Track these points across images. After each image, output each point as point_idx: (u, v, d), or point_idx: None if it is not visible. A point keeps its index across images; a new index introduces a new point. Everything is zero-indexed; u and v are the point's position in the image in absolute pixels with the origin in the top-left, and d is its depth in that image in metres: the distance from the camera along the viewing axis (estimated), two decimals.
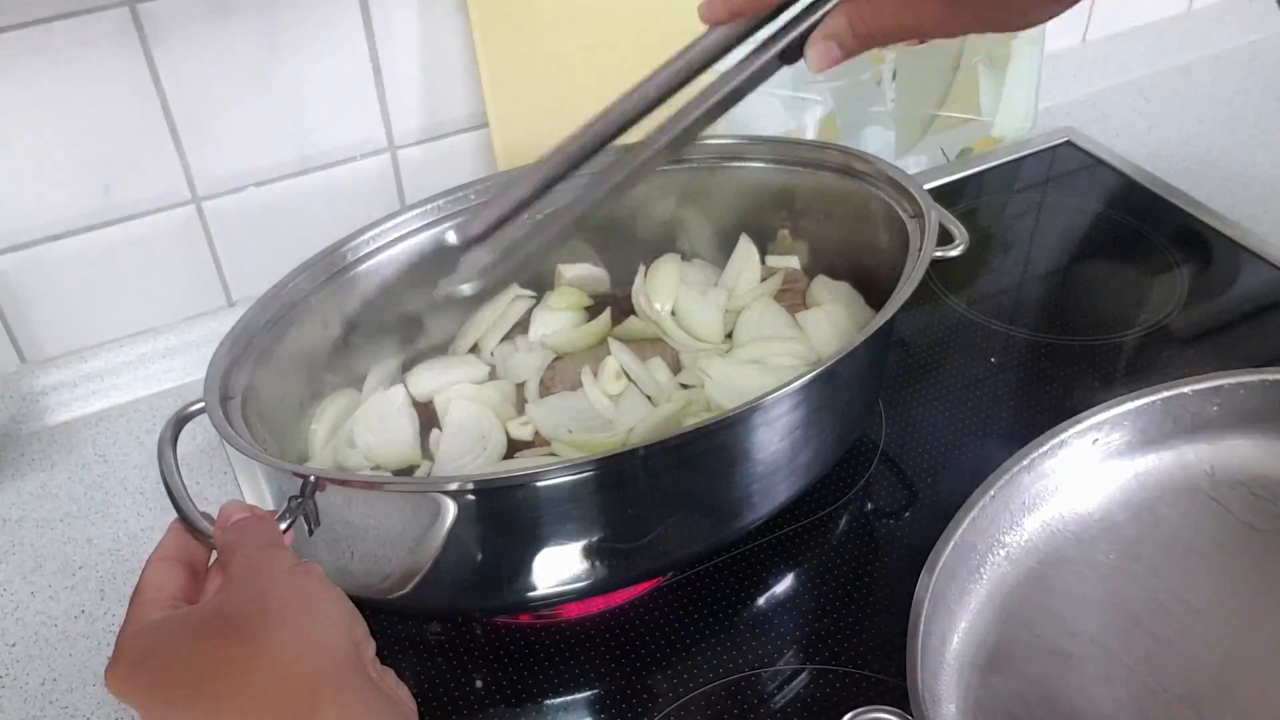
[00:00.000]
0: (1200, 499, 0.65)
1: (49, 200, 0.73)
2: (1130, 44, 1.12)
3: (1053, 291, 0.87)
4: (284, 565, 0.44)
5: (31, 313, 0.76)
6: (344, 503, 0.54)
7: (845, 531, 0.68)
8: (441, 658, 0.62)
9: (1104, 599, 0.60)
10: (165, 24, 0.70)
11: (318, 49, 0.75)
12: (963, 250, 0.66)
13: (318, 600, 0.43)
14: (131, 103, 0.71)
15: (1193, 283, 0.86)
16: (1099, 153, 1.01)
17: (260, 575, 0.44)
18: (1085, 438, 0.64)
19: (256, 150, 0.77)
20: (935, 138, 0.98)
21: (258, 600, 0.42)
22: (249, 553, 0.45)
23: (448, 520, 0.54)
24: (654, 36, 0.82)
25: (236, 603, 0.43)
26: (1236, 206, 0.94)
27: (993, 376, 0.78)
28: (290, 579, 0.44)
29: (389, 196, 0.83)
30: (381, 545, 0.56)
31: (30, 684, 0.62)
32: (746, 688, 0.60)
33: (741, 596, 0.65)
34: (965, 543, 0.59)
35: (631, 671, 0.61)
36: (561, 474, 0.53)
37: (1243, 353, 0.79)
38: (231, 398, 0.60)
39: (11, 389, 0.77)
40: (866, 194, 0.72)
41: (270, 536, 0.47)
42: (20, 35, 0.66)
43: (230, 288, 0.81)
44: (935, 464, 0.72)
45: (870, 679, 0.60)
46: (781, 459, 0.59)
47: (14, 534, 0.71)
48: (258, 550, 0.45)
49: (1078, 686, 0.57)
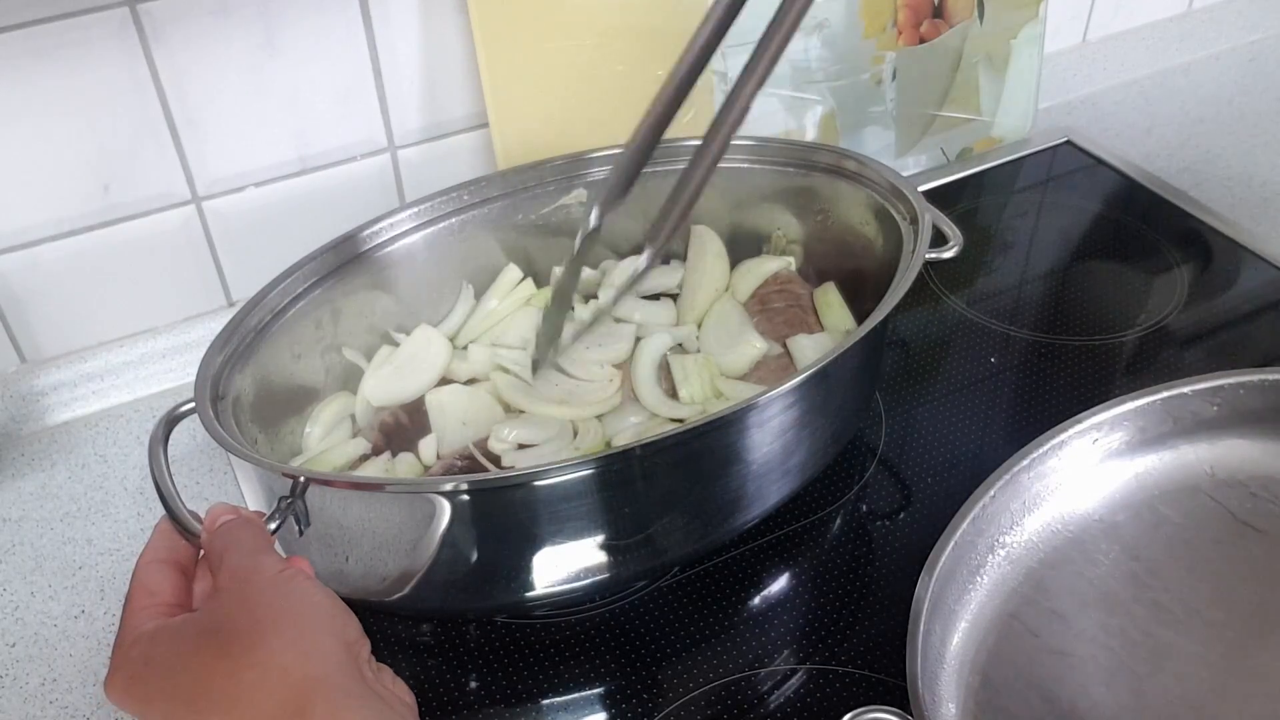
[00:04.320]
0: (1200, 499, 0.65)
1: (49, 200, 0.73)
2: (1130, 44, 1.12)
3: (1053, 291, 0.87)
4: (272, 571, 0.44)
5: (31, 313, 0.76)
6: (334, 504, 0.54)
7: (846, 531, 0.68)
8: (437, 658, 0.62)
9: (1104, 599, 0.60)
10: (165, 24, 0.70)
11: (318, 49, 0.75)
12: (957, 252, 0.66)
13: (307, 605, 0.43)
14: (131, 103, 0.71)
15: (1193, 283, 0.86)
16: (1099, 153, 1.01)
17: (249, 584, 0.44)
18: (1085, 438, 0.64)
19: (256, 150, 0.77)
20: (935, 138, 0.98)
21: (247, 610, 0.42)
22: (237, 560, 0.45)
23: (440, 521, 0.54)
24: (654, 37, 0.82)
25: (226, 613, 0.43)
26: (1236, 206, 0.94)
27: (993, 376, 0.78)
28: (279, 585, 0.44)
29: (389, 196, 0.83)
30: (373, 546, 0.56)
31: (30, 684, 0.62)
32: (746, 688, 0.60)
33: (741, 596, 0.65)
34: (965, 543, 0.59)
35: (631, 671, 0.61)
36: (552, 474, 0.53)
37: (1243, 353, 0.79)
38: (223, 398, 0.60)
39: (11, 389, 0.77)
40: (862, 196, 0.72)
41: (257, 541, 0.47)
42: (20, 35, 0.66)
43: (230, 288, 0.81)
44: (935, 464, 0.72)
45: (870, 679, 0.60)
46: (773, 460, 0.59)
47: (14, 534, 0.71)
48: (245, 557, 0.45)
49: (1078, 686, 0.57)
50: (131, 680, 0.42)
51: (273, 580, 0.44)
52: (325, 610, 0.44)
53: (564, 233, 0.77)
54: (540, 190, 0.76)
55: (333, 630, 0.43)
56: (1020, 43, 0.97)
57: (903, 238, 0.66)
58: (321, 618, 0.43)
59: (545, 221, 0.76)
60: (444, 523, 0.53)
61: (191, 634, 0.42)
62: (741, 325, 0.72)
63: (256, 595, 0.43)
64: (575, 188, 0.76)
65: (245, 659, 0.40)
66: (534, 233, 0.76)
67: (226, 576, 0.45)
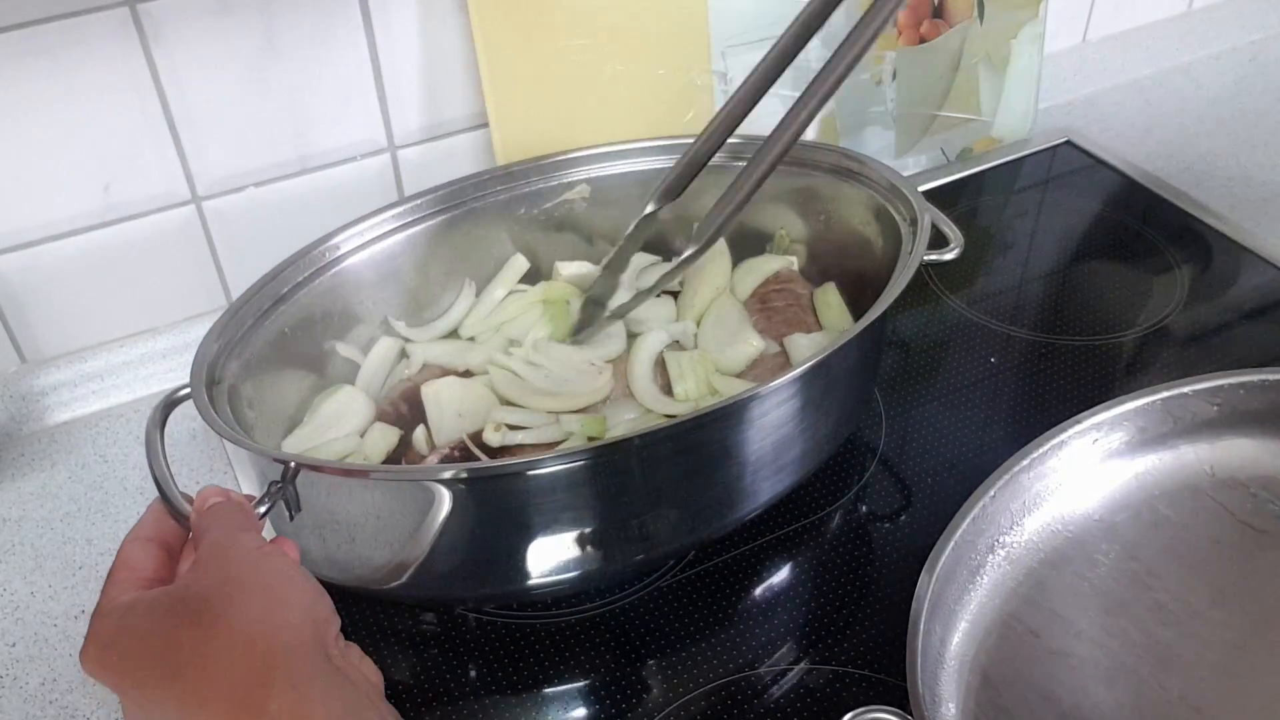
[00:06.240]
0: (1200, 499, 0.65)
1: (49, 200, 0.73)
2: (1130, 44, 1.12)
3: (1053, 291, 0.87)
4: (249, 547, 0.45)
5: (31, 313, 0.76)
6: (324, 490, 0.55)
7: (846, 530, 0.68)
8: (435, 648, 0.62)
9: (1104, 599, 0.60)
10: (165, 24, 0.70)
11: (318, 49, 0.75)
12: (957, 254, 0.66)
13: (278, 579, 0.44)
14: (131, 103, 0.71)
15: (1193, 283, 0.86)
16: (1099, 153, 1.01)
17: (225, 557, 0.44)
18: (1085, 438, 0.64)
19: (256, 150, 0.77)
20: (935, 138, 0.98)
21: (220, 582, 0.43)
22: (217, 535, 0.46)
23: (430, 509, 0.54)
24: (654, 37, 0.82)
25: (201, 584, 0.43)
26: (1236, 206, 0.94)
27: (993, 376, 0.78)
28: (254, 560, 0.44)
29: (389, 196, 0.83)
30: (363, 533, 0.56)
31: (30, 684, 0.62)
32: (746, 687, 0.60)
33: (742, 595, 0.65)
34: (965, 542, 0.59)
35: (631, 670, 0.61)
36: (544, 465, 0.53)
37: (1243, 353, 0.79)
38: (219, 383, 0.61)
39: (11, 389, 0.77)
40: (862, 196, 0.72)
41: (241, 520, 0.47)
42: (20, 35, 0.66)
43: (230, 288, 0.81)
44: (935, 464, 0.72)
45: (870, 679, 0.60)
46: (766, 456, 0.60)
47: (14, 534, 0.71)
48: (226, 533, 0.46)
49: (1078, 686, 0.57)
50: (105, 649, 0.42)
51: (249, 554, 0.45)
52: (296, 586, 0.44)
53: (566, 227, 0.77)
54: (542, 184, 0.76)
55: (302, 605, 0.43)
56: (1020, 43, 0.97)
57: (903, 239, 0.66)
58: (292, 593, 0.44)
59: (548, 216, 0.77)
60: (434, 511, 0.54)
61: (165, 604, 0.43)
62: (740, 323, 0.72)
63: (231, 567, 0.44)
64: (577, 182, 0.76)
65: (214, 628, 0.41)
66: (536, 226, 0.77)
67: (206, 550, 0.45)
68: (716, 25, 0.84)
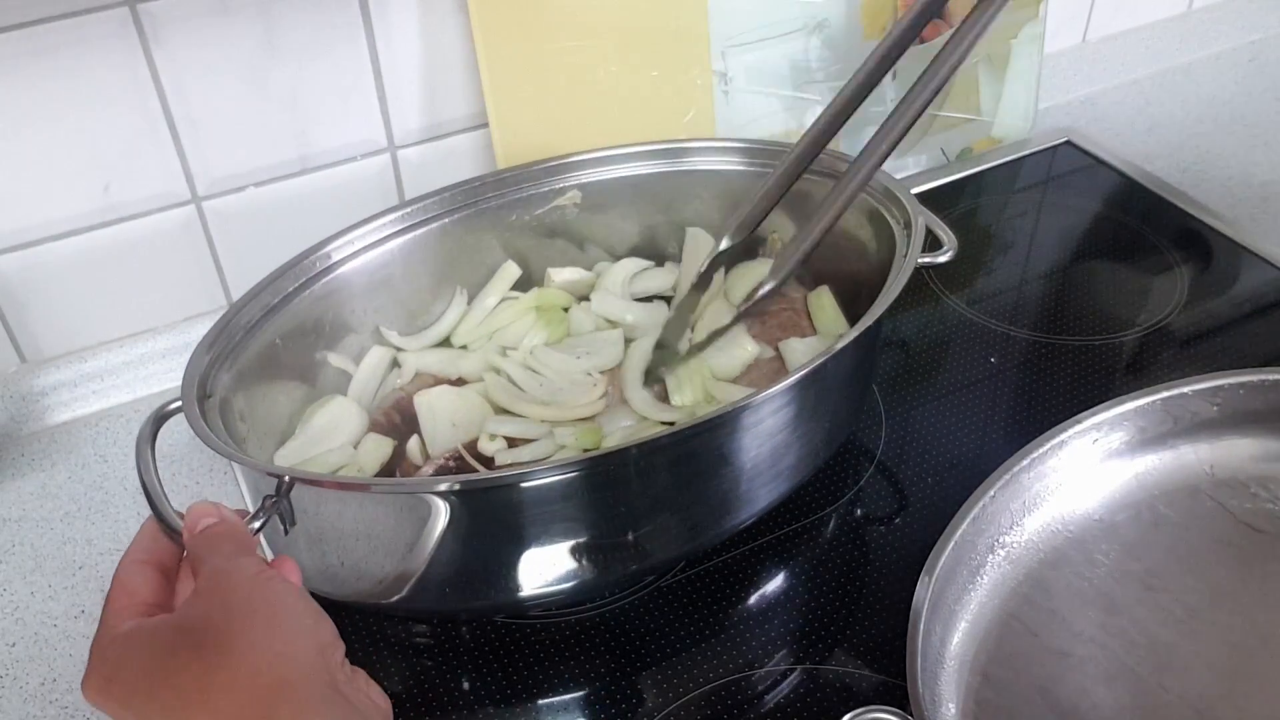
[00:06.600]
0: (1200, 499, 0.65)
1: (49, 200, 0.73)
2: (1130, 44, 1.12)
3: (1053, 291, 0.87)
4: (249, 573, 0.44)
5: (31, 313, 0.76)
6: (319, 503, 0.54)
7: (846, 531, 0.68)
8: (434, 658, 0.62)
9: (1104, 599, 0.60)
10: (165, 24, 0.70)
11: (318, 49, 0.75)
12: (951, 256, 0.66)
13: (281, 607, 0.43)
14: (131, 103, 0.71)
15: (1193, 283, 0.86)
16: (1099, 153, 1.01)
17: (225, 586, 0.44)
18: (1085, 438, 0.64)
19: (256, 150, 0.77)
20: (935, 138, 0.98)
21: (221, 612, 0.42)
22: (216, 563, 0.45)
23: (427, 522, 0.53)
24: (654, 37, 0.82)
25: (201, 615, 0.43)
26: (1236, 206, 0.94)
27: (993, 376, 0.78)
28: (254, 587, 0.44)
29: (389, 196, 0.83)
30: (360, 546, 0.56)
31: (30, 684, 0.62)
32: (745, 688, 0.60)
33: (740, 597, 0.65)
34: (965, 543, 0.59)
35: (628, 672, 0.61)
36: (540, 476, 0.53)
37: (1243, 353, 0.79)
38: (210, 396, 0.60)
39: (11, 389, 0.77)
40: (857, 199, 0.72)
41: (238, 543, 0.47)
42: (20, 35, 0.66)
43: (230, 288, 0.81)
44: (935, 463, 0.72)
45: (870, 679, 0.60)
46: (763, 463, 0.59)
47: (14, 534, 0.71)
48: (224, 560, 0.45)
49: (1078, 686, 0.57)
50: (108, 680, 0.42)
51: (249, 581, 0.44)
52: (299, 613, 0.44)
53: (558, 233, 0.77)
54: (533, 190, 0.75)
55: (305, 632, 0.43)
56: (1020, 43, 0.97)
57: (896, 243, 0.66)
58: (295, 620, 0.43)
59: (539, 222, 0.76)
60: (431, 523, 0.53)
61: (167, 634, 0.43)
62: (734, 328, 0.72)
63: (232, 596, 0.43)
64: (569, 188, 0.76)
65: (217, 659, 0.41)
66: (528, 233, 0.76)
67: (205, 579, 0.45)
68: (716, 25, 0.84)
